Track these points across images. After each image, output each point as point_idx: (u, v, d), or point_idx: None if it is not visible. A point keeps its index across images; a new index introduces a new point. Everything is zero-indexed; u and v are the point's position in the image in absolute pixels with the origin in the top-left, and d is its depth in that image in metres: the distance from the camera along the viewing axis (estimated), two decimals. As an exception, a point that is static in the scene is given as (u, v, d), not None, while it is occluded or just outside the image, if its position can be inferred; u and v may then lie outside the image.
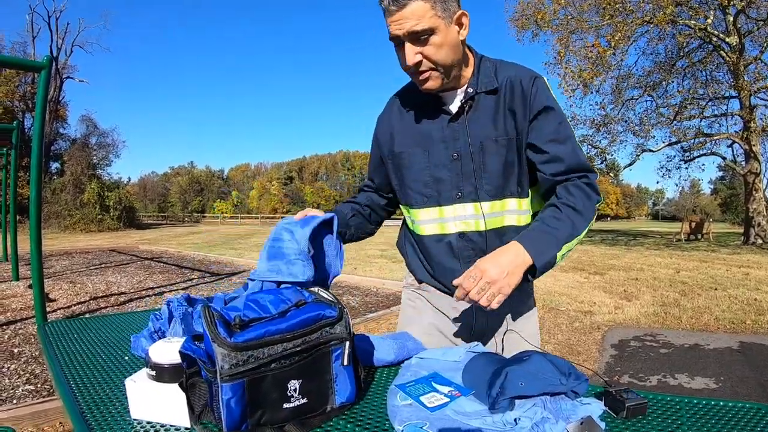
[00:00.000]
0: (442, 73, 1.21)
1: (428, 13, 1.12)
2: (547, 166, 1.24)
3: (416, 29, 1.13)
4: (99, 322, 1.88)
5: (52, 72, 5.62)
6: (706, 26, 17.79)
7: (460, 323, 1.42)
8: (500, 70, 1.28)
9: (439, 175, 1.31)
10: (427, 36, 1.14)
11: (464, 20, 1.20)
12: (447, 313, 1.44)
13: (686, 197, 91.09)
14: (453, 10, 1.17)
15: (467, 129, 1.27)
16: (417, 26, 1.12)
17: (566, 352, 4.23)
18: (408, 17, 1.12)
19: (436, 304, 1.46)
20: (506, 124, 1.25)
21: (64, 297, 6.68)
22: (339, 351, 0.89)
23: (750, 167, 18.60)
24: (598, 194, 1.23)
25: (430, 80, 1.21)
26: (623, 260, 12.33)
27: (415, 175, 1.34)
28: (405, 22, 1.12)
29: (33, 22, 33.94)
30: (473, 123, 1.27)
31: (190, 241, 18.87)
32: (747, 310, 6.08)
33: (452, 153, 1.29)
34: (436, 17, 1.13)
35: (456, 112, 1.28)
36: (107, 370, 1.29)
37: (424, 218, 1.36)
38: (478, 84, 1.26)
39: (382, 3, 1.15)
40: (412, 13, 1.12)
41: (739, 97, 18.53)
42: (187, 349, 0.86)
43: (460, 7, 1.19)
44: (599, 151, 21.02)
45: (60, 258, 12.20)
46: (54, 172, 35.98)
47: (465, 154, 1.27)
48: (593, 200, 1.22)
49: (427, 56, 1.17)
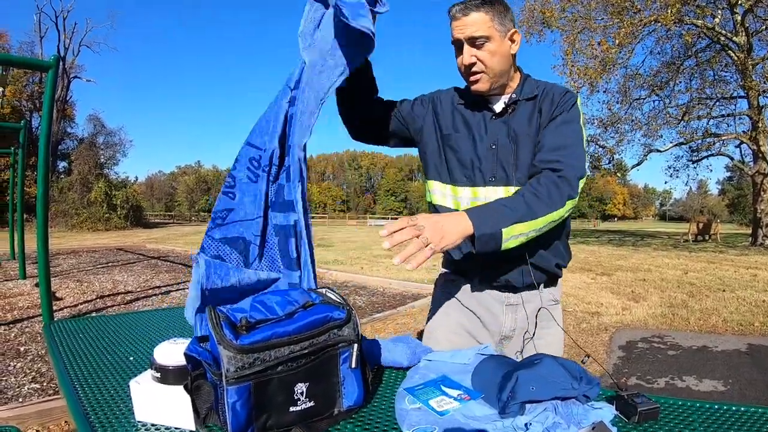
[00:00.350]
0: (491, 77, 1.37)
1: (487, 24, 1.32)
2: (540, 154, 1.35)
3: (474, 35, 1.32)
4: (104, 321, 1.88)
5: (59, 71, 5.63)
6: (714, 25, 17.67)
7: (490, 325, 1.49)
8: (542, 85, 1.44)
9: (478, 161, 1.43)
10: (483, 42, 1.33)
11: (516, 37, 1.39)
12: (477, 313, 1.49)
13: (694, 198, 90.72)
14: (508, 27, 1.36)
15: (508, 125, 1.41)
16: (476, 32, 1.32)
17: (573, 354, 4.20)
18: (469, 24, 1.32)
19: (465, 303, 1.51)
20: (538, 123, 1.40)
21: (70, 296, 6.70)
22: (347, 353, 0.87)
23: (758, 167, 18.46)
24: (573, 190, 1.27)
25: (480, 82, 1.38)
26: (630, 261, 12.28)
27: (460, 157, 1.45)
28: (466, 27, 1.32)
29: (40, 22, 34.25)
30: (513, 121, 1.41)
31: (197, 240, 18.91)
32: (755, 311, 6.03)
33: (491, 143, 1.42)
34: (492, 28, 1.33)
35: (499, 112, 1.43)
36: (111, 370, 1.29)
37: (462, 195, 1.46)
38: (521, 93, 1.42)
39: (450, 11, 1.35)
40: (473, 21, 1.32)
41: (747, 97, 18.40)
42: (192, 351, 0.85)
43: (514, 26, 1.38)
44: (606, 150, 20.92)
45: (67, 257, 12.26)
46: (61, 171, 36.21)
47: (502, 145, 1.41)
48: (562, 192, 1.25)
49: (480, 60, 1.35)
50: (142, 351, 1.47)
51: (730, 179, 66.76)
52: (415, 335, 4.85)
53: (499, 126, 1.42)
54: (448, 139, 1.48)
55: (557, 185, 1.26)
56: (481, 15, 1.31)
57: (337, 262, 11.11)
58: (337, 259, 11.91)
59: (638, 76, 20.12)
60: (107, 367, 1.32)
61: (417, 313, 5.83)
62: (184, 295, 6.76)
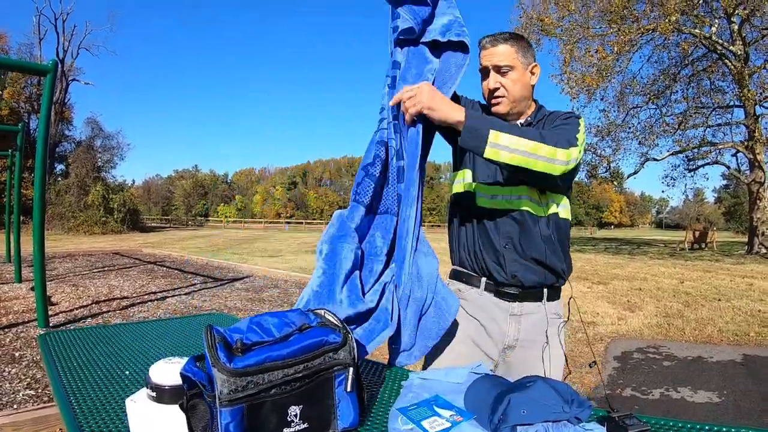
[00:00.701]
0: (510, 102, 1.54)
1: (512, 55, 1.51)
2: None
3: (500, 63, 1.51)
4: (100, 332, 1.88)
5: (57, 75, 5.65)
6: (711, 35, 17.77)
7: (494, 334, 1.54)
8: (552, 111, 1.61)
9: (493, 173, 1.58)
10: (507, 70, 1.51)
11: (536, 70, 1.57)
12: (482, 322, 1.55)
13: (690, 206, 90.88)
14: (529, 60, 1.55)
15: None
16: (501, 61, 1.51)
17: (569, 364, 4.21)
18: (496, 54, 1.51)
19: (471, 312, 1.57)
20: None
21: (66, 300, 6.68)
22: (342, 376, 0.88)
23: (754, 176, 18.55)
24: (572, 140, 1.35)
25: (500, 105, 1.55)
26: (627, 270, 12.31)
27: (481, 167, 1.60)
28: (493, 56, 1.52)
29: (40, 24, 34.24)
30: None
31: (193, 245, 18.90)
32: (751, 321, 6.05)
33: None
34: (516, 60, 1.51)
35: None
36: (107, 383, 1.29)
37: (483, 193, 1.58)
38: (534, 118, 1.60)
39: (481, 42, 1.54)
40: (500, 52, 1.51)
41: (744, 106, 18.50)
42: (188, 371, 0.86)
43: (535, 61, 1.57)
44: (603, 159, 20.99)
45: (63, 260, 12.22)
46: (59, 174, 36.13)
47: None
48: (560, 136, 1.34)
49: (503, 85, 1.52)
50: (138, 364, 1.47)
51: (727, 187, 66.84)
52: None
53: None
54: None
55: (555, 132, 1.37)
56: (507, 47, 1.51)
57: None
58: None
59: (635, 83, 20.20)
60: (102, 379, 1.32)
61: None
62: (179, 302, 6.75)
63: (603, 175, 21.79)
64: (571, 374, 4.01)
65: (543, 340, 1.52)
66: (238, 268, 11.17)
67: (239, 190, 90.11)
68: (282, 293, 7.75)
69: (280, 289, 8.21)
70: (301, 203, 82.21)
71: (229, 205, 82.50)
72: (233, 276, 9.83)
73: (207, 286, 8.39)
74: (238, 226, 53.10)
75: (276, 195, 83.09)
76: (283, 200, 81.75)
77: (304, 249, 18.12)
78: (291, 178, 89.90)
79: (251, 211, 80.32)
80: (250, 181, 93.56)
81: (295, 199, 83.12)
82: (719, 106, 19.96)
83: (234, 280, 9.13)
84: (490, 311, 1.54)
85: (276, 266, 11.51)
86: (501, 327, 1.53)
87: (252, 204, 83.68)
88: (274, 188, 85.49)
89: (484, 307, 1.55)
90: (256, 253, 15.84)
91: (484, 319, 1.55)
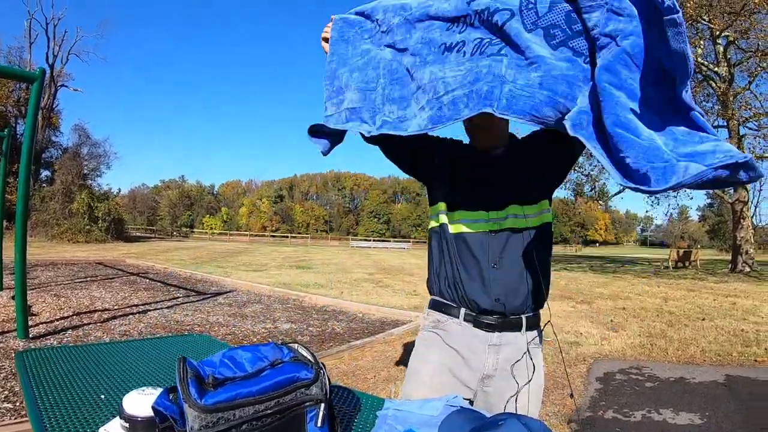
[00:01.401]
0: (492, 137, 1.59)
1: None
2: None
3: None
4: (78, 351, 1.85)
5: (45, 81, 5.63)
6: (697, 56, 18.11)
7: (472, 364, 1.53)
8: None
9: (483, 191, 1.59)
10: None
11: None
12: (461, 352, 1.53)
13: (674, 224, 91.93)
14: None
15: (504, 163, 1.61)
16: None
17: (551, 385, 4.21)
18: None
19: (450, 344, 1.55)
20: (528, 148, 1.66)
21: (47, 311, 6.58)
22: (314, 412, 0.88)
23: (738, 196, 18.85)
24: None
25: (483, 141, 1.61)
26: (611, 288, 12.39)
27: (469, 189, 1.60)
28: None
29: (31, 28, 34.03)
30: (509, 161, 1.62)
31: (177, 257, 18.75)
32: (733, 341, 6.10)
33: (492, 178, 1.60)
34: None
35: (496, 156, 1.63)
36: (81, 406, 1.27)
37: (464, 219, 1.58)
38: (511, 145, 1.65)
39: None
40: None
41: (728, 127, 18.83)
42: (160, 405, 0.85)
43: None
44: (590, 178, 21.21)
45: (45, 269, 12.07)
46: (44, 180, 35.78)
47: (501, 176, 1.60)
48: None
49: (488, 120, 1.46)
50: (114, 387, 1.45)
51: (711, 206, 67.79)
52: (393, 364, 4.84)
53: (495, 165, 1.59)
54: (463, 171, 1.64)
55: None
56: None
57: (317, 285, 11.07)
58: (317, 282, 11.87)
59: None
60: (78, 402, 1.30)
61: (396, 340, 5.81)
62: (161, 315, 6.68)
63: (589, 194, 22.02)
64: (552, 397, 4.02)
65: (523, 368, 1.51)
66: (222, 282, 11.09)
67: (225, 202, 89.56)
68: (264, 309, 7.71)
69: (263, 304, 8.16)
70: (287, 217, 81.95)
71: (215, 217, 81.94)
72: (216, 290, 9.76)
73: (189, 299, 8.31)
74: (223, 238, 52.76)
75: (262, 208, 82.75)
76: (269, 213, 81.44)
77: (288, 263, 18.05)
78: (277, 191, 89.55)
79: (237, 224, 79.84)
80: (237, 193, 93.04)
81: (281, 212, 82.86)
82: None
83: (217, 294, 9.06)
84: (469, 342, 1.53)
85: (260, 281, 11.45)
86: (479, 357, 1.52)
87: (238, 216, 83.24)
88: (261, 201, 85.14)
89: (463, 338, 1.54)
90: (240, 266, 15.75)
91: (463, 349, 1.54)
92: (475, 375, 1.53)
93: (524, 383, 1.49)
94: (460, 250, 1.55)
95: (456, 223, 1.58)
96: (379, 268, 17.78)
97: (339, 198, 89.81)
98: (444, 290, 1.59)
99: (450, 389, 1.47)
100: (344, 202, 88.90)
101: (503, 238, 1.51)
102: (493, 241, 1.51)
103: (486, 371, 1.52)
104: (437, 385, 1.50)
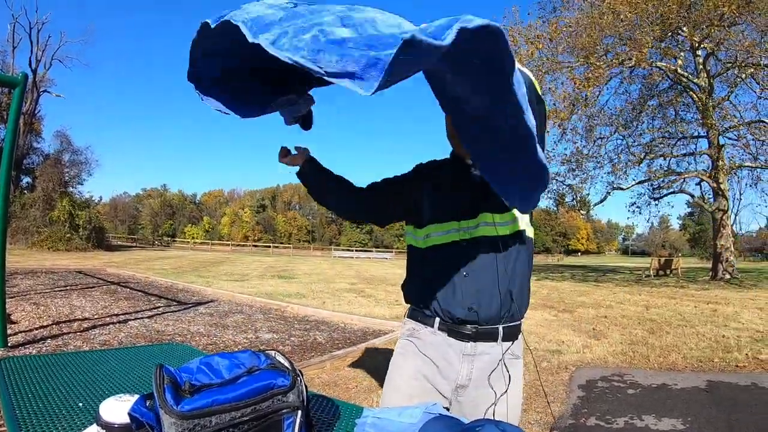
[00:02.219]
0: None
1: None
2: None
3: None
4: (56, 360, 1.82)
5: (27, 86, 5.57)
6: (677, 67, 18.44)
7: (446, 373, 1.52)
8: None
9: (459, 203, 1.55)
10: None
11: None
12: (435, 361, 1.53)
13: (655, 233, 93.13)
14: None
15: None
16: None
17: (533, 393, 4.23)
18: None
19: (425, 352, 1.55)
20: None
21: (26, 319, 6.46)
22: (291, 419, 0.87)
23: (718, 204, 19.16)
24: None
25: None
26: (593, 297, 12.49)
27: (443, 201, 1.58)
28: None
29: (14, 32, 33.58)
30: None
31: (158, 266, 18.52)
32: (714, 347, 6.17)
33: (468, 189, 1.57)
34: None
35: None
36: (59, 414, 1.26)
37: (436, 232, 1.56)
38: None
39: None
40: None
41: (708, 137, 19.17)
42: (137, 411, 0.85)
43: None
44: (571, 189, 21.41)
45: (25, 276, 11.86)
46: (25, 187, 35.20)
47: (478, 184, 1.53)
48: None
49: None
50: (91, 395, 1.44)
51: (691, 215, 68.76)
52: (375, 373, 4.82)
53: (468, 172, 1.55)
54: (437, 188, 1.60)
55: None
56: None
57: (299, 295, 11.01)
58: (300, 292, 11.80)
59: (603, 114, 20.78)
60: (56, 410, 1.29)
61: (378, 350, 5.79)
62: (142, 325, 6.59)
63: (570, 204, 22.23)
64: (534, 405, 4.03)
65: (500, 379, 1.49)
66: (203, 292, 10.98)
67: (207, 212, 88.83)
68: (246, 319, 7.64)
69: (244, 314, 8.09)
70: (270, 226, 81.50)
71: (197, 226, 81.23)
72: (197, 300, 9.66)
73: (170, 309, 8.21)
74: (204, 247, 52.32)
75: (244, 217, 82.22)
76: (251, 223, 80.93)
77: (270, 273, 17.93)
78: (260, 201, 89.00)
79: (219, 233, 79.18)
80: (219, 203, 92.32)
81: (263, 222, 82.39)
82: (684, 136, 20.66)
83: (198, 304, 8.96)
84: (443, 351, 1.52)
85: (241, 290, 11.36)
86: (454, 366, 1.51)
87: (220, 226, 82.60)
88: (243, 210, 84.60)
89: (437, 347, 1.53)
90: (221, 276, 15.60)
91: (437, 358, 1.53)
92: (450, 385, 1.52)
93: (501, 393, 1.47)
94: (434, 260, 1.54)
95: (428, 237, 1.57)
96: (362, 278, 17.73)
97: (322, 208, 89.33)
98: (419, 300, 1.59)
99: (425, 397, 1.46)
100: (327, 212, 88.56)
101: (475, 246, 1.49)
102: (464, 250, 1.49)
103: (460, 381, 1.51)
104: (412, 393, 1.49)
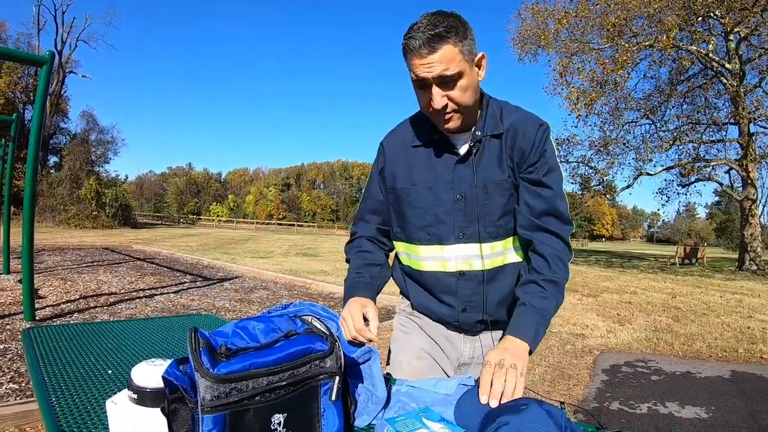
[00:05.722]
0: (464, 114, 1.23)
1: (457, 57, 1.13)
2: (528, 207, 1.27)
3: (446, 74, 1.13)
4: (85, 329, 1.85)
5: (54, 66, 5.62)
6: (708, 52, 17.92)
7: (449, 352, 1.45)
8: (505, 115, 1.30)
9: (443, 216, 1.32)
10: (455, 80, 1.15)
11: (483, 62, 1.22)
12: (437, 340, 1.45)
13: (682, 221, 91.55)
14: (474, 52, 1.18)
15: (474, 172, 1.28)
16: (447, 71, 1.13)
17: (557, 376, 4.20)
18: (439, 61, 1.12)
19: (426, 330, 1.47)
20: (509, 168, 1.29)
21: (53, 294, 6.62)
22: (328, 385, 0.86)
23: (747, 194, 18.71)
24: (571, 251, 1.30)
25: (452, 121, 1.23)
26: (617, 283, 12.34)
27: (419, 214, 1.34)
28: (436, 65, 1.12)
29: (39, 14, 34.04)
30: (480, 166, 1.29)
31: (184, 243, 18.79)
32: (740, 338, 6.07)
33: (457, 194, 1.30)
34: (463, 61, 1.15)
35: (464, 155, 1.30)
36: (89, 382, 1.27)
37: (425, 255, 1.37)
38: (484, 127, 1.29)
39: (411, 44, 1.13)
40: (443, 57, 1.12)
41: (738, 124, 18.65)
42: (170, 374, 0.83)
43: (476, 46, 1.20)
44: (598, 172, 21.09)
45: (52, 253, 12.13)
46: (52, 166, 35.95)
47: (470, 195, 1.29)
48: (567, 261, 1.27)
49: (452, 99, 1.18)
50: (121, 363, 1.45)
51: (718, 204, 67.22)
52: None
53: (465, 173, 1.30)
54: (404, 193, 1.36)
55: (561, 258, 1.25)
56: (449, 48, 1.11)
57: (323, 273, 11.07)
58: (324, 269, 11.86)
59: (630, 98, 20.33)
60: (84, 378, 1.30)
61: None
62: (168, 300, 6.69)
63: (596, 188, 21.90)
64: (558, 387, 4.00)
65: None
66: (228, 268, 11.11)
67: (232, 190, 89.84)
68: (271, 295, 7.71)
69: (269, 290, 8.16)
70: (294, 205, 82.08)
71: (222, 204, 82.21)
72: (223, 276, 9.78)
73: (196, 285, 8.33)
74: (229, 225, 52.89)
75: (269, 196, 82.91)
76: (276, 201, 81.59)
77: (294, 251, 18.05)
78: (285, 179, 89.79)
79: (243, 211, 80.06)
80: (244, 181, 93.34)
81: (288, 200, 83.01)
82: (713, 123, 20.12)
83: (223, 280, 9.07)
84: (445, 332, 1.44)
85: (266, 267, 11.46)
86: (456, 347, 1.44)
87: (245, 204, 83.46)
88: (267, 189, 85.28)
89: (438, 328, 1.45)
90: (246, 253, 15.76)
91: (439, 338, 1.45)
92: (452, 363, 1.45)
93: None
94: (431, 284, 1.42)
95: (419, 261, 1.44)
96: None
97: (346, 187, 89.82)
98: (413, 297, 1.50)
99: (428, 372, 1.39)
100: (351, 192, 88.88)
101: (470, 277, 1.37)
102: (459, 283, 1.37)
103: (462, 360, 1.45)
104: (416, 370, 1.38)
